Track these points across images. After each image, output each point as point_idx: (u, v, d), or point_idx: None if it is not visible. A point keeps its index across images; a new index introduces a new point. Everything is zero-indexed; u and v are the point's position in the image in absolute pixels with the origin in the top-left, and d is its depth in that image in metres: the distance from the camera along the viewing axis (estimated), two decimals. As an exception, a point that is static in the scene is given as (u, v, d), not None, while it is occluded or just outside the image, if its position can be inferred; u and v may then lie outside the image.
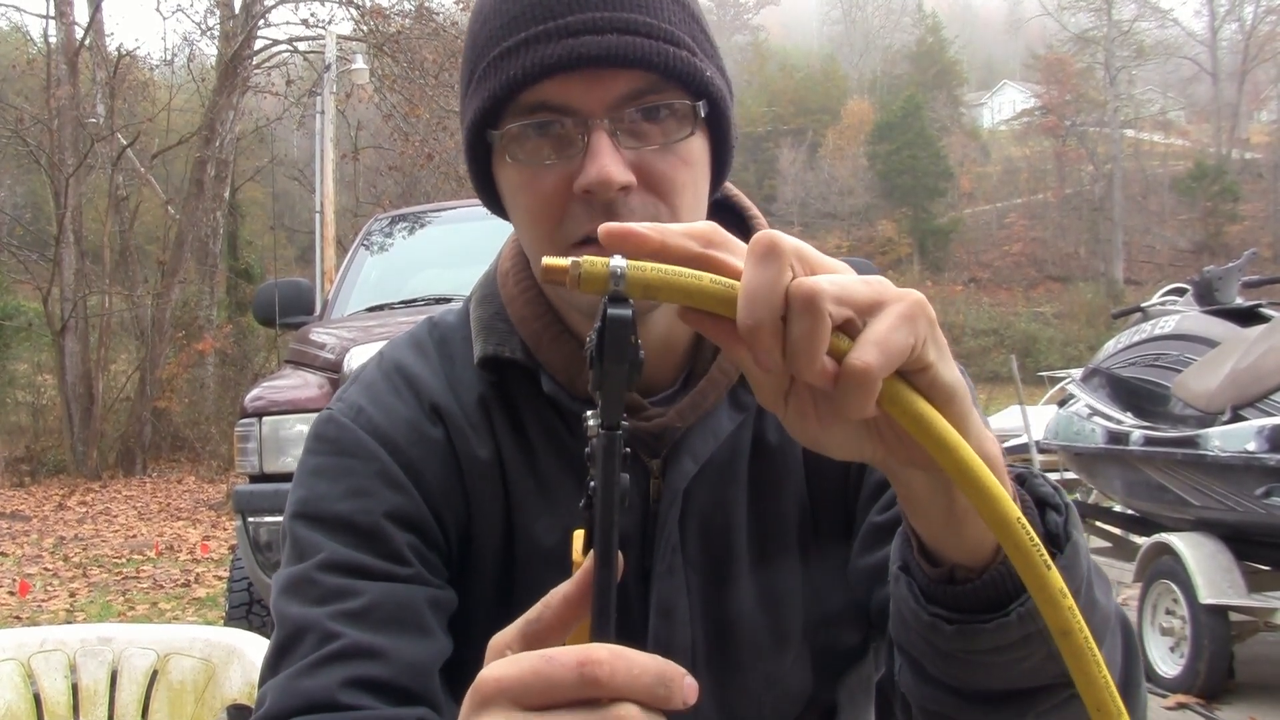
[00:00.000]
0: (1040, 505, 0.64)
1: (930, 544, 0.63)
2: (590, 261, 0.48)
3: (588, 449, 0.51)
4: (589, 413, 0.50)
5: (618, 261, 0.49)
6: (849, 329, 0.50)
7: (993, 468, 0.55)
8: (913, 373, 0.52)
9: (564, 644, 0.51)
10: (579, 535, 0.57)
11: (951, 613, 0.63)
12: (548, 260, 0.49)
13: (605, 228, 0.50)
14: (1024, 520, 0.51)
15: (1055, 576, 0.51)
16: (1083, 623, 0.51)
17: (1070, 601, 0.51)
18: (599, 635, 0.48)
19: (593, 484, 0.50)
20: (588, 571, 0.50)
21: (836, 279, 0.50)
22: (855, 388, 0.49)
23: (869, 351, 0.49)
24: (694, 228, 0.52)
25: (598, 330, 0.48)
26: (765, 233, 0.50)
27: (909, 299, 0.51)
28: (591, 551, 0.50)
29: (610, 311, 0.48)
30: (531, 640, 0.51)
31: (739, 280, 0.50)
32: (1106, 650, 0.69)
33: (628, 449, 0.50)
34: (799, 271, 0.50)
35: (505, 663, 0.47)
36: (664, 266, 0.50)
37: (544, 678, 0.45)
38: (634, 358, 0.48)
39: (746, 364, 0.52)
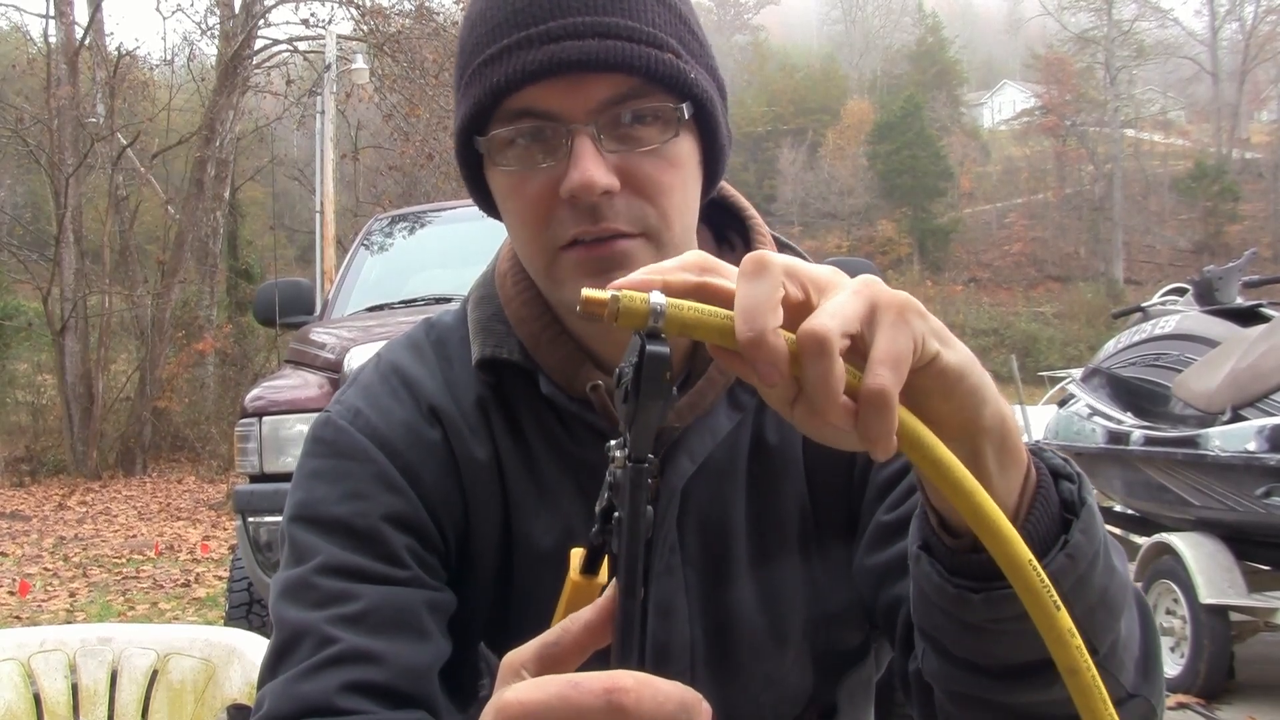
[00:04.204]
0: (1053, 476, 0.65)
1: (952, 520, 0.64)
2: (629, 297, 0.49)
3: (610, 478, 0.51)
4: (612, 442, 0.51)
5: (657, 298, 0.49)
6: (855, 348, 0.51)
7: (1010, 430, 0.58)
8: (921, 368, 0.53)
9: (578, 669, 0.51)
10: (577, 553, 0.58)
11: (977, 582, 0.64)
12: (587, 292, 0.49)
13: (614, 289, 0.49)
14: (1035, 563, 0.53)
15: (1064, 617, 0.53)
16: (1090, 662, 0.53)
17: (1079, 641, 0.53)
18: (622, 665, 0.49)
19: (616, 514, 0.50)
20: (610, 600, 0.50)
21: (834, 309, 0.51)
22: (876, 412, 0.50)
23: (880, 373, 0.50)
24: (684, 259, 0.53)
25: (634, 366, 0.48)
26: (754, 253, 0.52)
27: (896, 303, 0.52)
28: (614, 580, 0.50)
29: (650, 349, 0.48)
30: (548, 663, 0.51)
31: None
32: (1126, 621, 0.70)
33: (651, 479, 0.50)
34: (791, 288, 0.51)
35: (530, 686, 0.47)
36: (701, 306, 0.50)
37: (571, 704, 0.45)
38: (668, 394, 0.48)
39: (762, 386, 0.52)
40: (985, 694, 0.70)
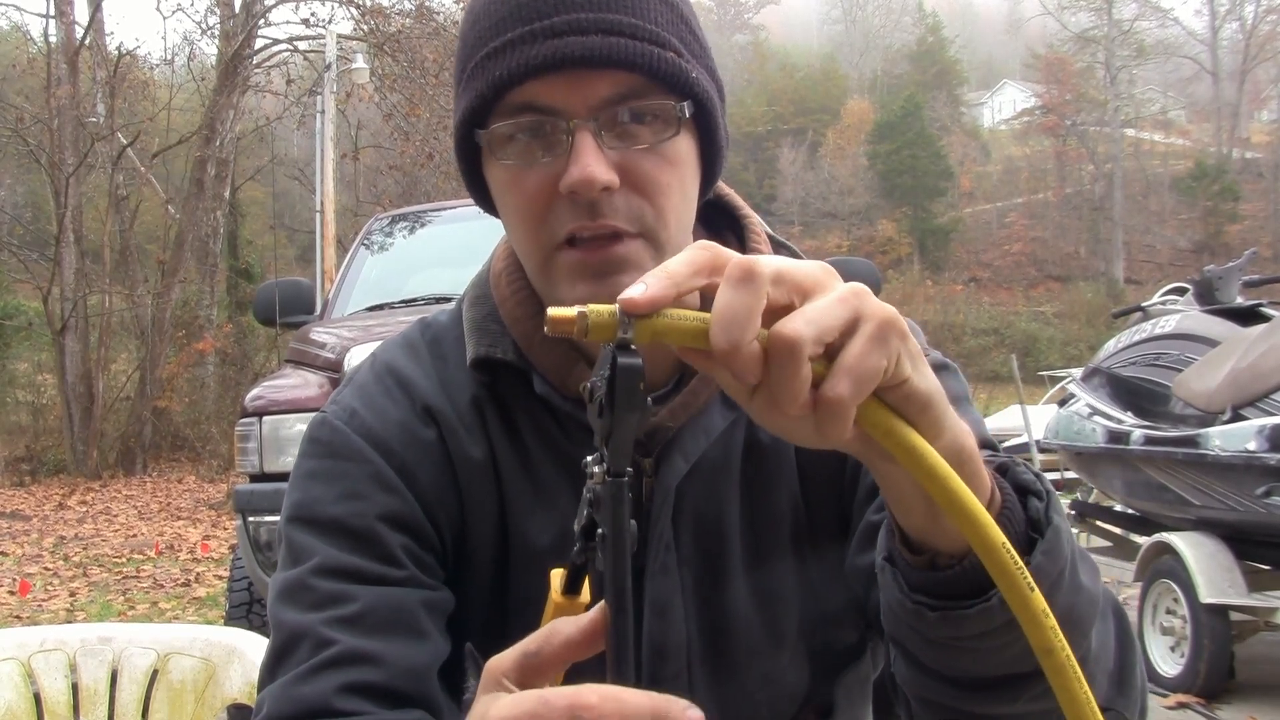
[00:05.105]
0: (1022, 492, 0.65)
1: (912, 532, 0.64)
2: (596, 311, 0.48)
3: (588, 493, 0.51)
4: (589, 458, 0.50)
5: None
6: (828, 351, 0.52)
7: (966, 459, 0.57)
8: (888, 388, 0.53)
9: (560, 678, 0.52)
10: (557, 574, 0.58)
11: (934, 600, 0.64)
12: (553, 311, 0.49)
13: (622, 300, 0.49)
14: (1009, 545, 0.53)
15: (1038, 598, 0.53)
16: (1065, 642, 0.53)
17: (1053, 621, 0.53)
18: (619, 679, 0.49)
19: (600, 530, 0.50)
20: (592, 619, 0.50)
21: (814, 315, 0.51)
22: (830, 416, 0.51)
23: (842, 382, 0.51)
24: (694, 258, 0.52)
25: (606, 379, 0.48)
26: (744, 258, 0.51)
27: (879, 318, 0.52)
28: (601, 602, 0.50)
29: (621, 361, 0.48)
30: (527, 673, 0.52)
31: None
32: (1098, 633, 0.70)
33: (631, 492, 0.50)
34: (776, 296, 0.51)
35: (507, 705, 0.49)
36: (672, 311, 0.50)
37: None
38: (643, 405, 0.48)
39: (724, 378, 0.53)
40: (952, 703, 0.71)
